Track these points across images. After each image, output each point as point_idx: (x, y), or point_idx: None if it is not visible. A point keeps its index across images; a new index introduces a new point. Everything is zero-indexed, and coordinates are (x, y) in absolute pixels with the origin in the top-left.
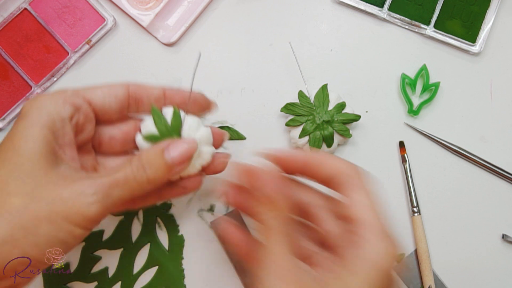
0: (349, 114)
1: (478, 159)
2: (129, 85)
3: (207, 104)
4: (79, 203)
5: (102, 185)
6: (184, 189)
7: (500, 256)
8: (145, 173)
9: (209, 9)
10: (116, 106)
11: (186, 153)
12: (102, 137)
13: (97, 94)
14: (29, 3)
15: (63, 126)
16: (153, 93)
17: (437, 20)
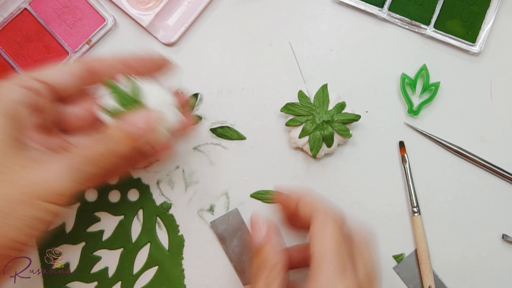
0: (349, 114)
1: (478, 159)
2: (83, 60)
3: (164, 63)
4: (51, 181)
5: (71, 163)
6: (155, 155)
7: (500, 256)
8: (112, 148)
9: (209, 9)
10: (74, 82)
11: (148, 124)
12: (67, 117)
13: (53, 74)
14: (29, 3)
15: (21, 111)
16: (106, 62)
17: (437, 20)
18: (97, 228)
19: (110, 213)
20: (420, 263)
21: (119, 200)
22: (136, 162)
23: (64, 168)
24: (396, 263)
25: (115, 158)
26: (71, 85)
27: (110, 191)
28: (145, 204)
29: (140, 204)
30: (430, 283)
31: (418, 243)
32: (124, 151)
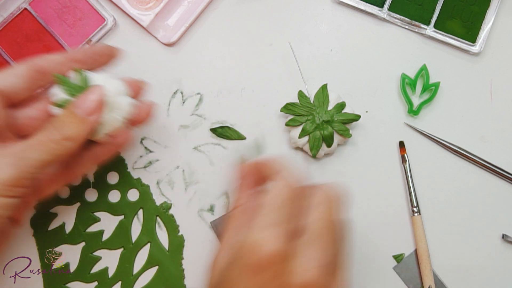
0: (349, 114)
1: (478, 159)
2: (30, 60)
3: (111, 52)
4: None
5: (15, 150)
6: (115, 145)
7: (500, 256)
8: (59, 133)
9: (209, 9)
10: (22, 84)
11: (96, 103)
12: (21, 120)
13: (1, 79)
14: (29, 3)
15: None
16: (54, 59)
17: (437, 20)
18: (97, 228)
19: (110, 213)
20: (420, 263)
21: (119, 200)
22: (99, 155)
23: (7, 155)
24: (396, 263)
25: (67, 142)
26: (21, 87)
27: (110, 191)
28: (145, 204)
29: (140, 204)
30: (430, 283)
31: (418, 243)
32: (73, 133)
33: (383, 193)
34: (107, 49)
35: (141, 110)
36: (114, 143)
